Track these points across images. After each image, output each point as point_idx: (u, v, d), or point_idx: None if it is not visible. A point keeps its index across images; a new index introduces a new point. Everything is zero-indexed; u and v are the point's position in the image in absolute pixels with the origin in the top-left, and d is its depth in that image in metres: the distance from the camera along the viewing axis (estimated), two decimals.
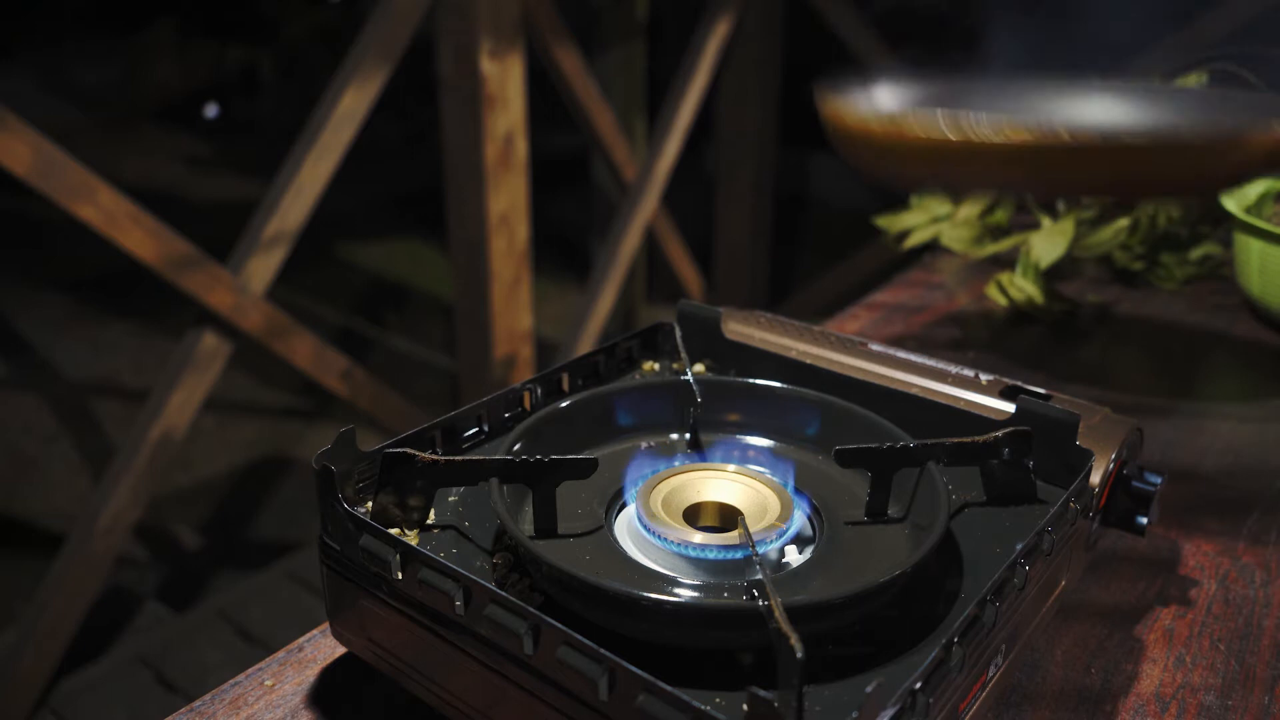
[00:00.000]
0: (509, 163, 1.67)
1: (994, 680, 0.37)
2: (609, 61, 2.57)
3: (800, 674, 0.29)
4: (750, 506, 0.42)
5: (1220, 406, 0.74)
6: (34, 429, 2.34)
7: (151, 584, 1.88)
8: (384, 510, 0.41)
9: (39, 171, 1.24)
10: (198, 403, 1.49)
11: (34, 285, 3.09)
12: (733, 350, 0.57)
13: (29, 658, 1.41)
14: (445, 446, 0.46)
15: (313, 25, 4.96)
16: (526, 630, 0.32)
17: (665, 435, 0.49)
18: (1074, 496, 0.41)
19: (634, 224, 2.21)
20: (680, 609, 0.34)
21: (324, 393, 1.80)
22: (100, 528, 1.42)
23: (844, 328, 0.86)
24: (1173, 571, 0.54)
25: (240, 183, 3.99)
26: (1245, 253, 0.85)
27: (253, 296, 1.51)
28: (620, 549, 0.40)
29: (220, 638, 1.68)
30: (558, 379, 0.52)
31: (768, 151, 2.74)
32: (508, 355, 1.79)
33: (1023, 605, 0.38)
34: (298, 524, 2.09)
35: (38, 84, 4.65)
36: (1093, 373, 0.80)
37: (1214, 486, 0.63)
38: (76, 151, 1.28)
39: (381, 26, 1.52)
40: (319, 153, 1.50)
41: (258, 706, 0.41)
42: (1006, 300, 0.92)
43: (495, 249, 1.69)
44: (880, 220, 1.09)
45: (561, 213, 3.24)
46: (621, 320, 2.75)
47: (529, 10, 1.71)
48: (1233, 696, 0.44)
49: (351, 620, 0.40)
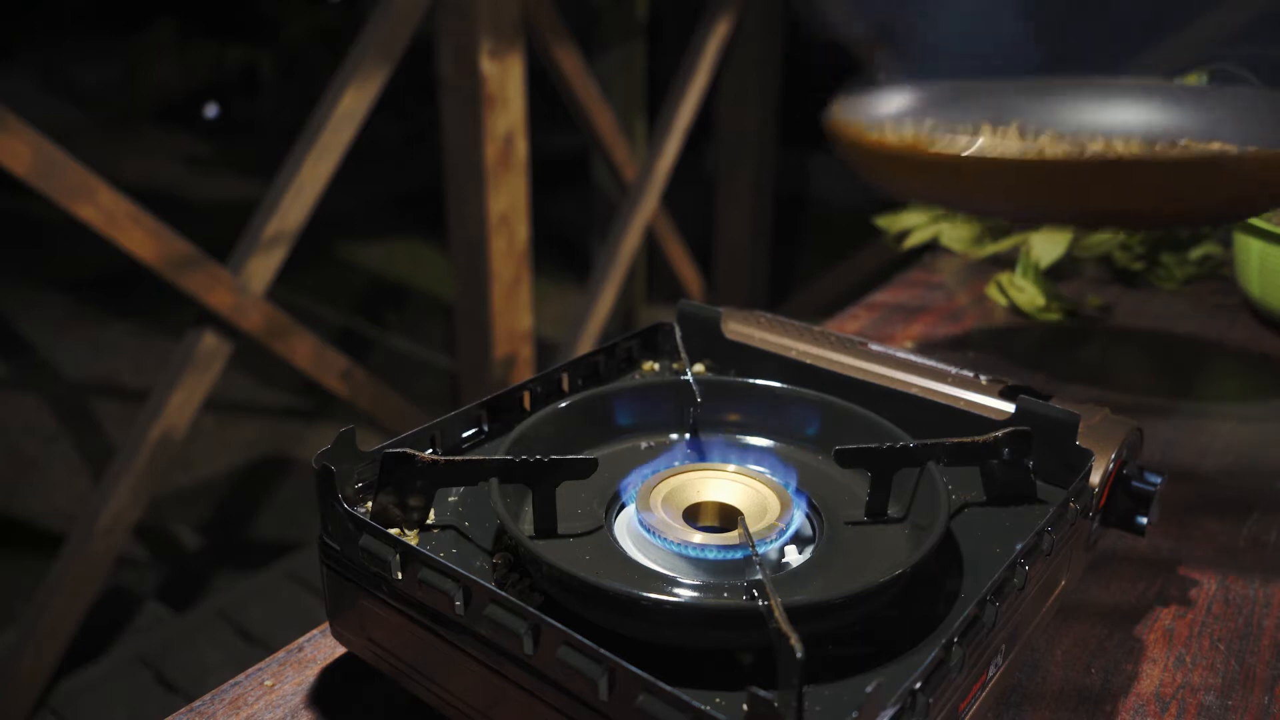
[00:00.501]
0: (509, 163, 1.67)
1: (994, 680, 0.37)
2: (609, 61, 2.57)
3: (800, 674, 0.29)
4: (750, 506, 0.42)
5: (1220, 406, 0.74)
6: (34, 429, 2.34)
7: (151, 584, 1.88)
8: (384, 510, 0.41)
9: (39, 171, 1.24)
10: (198, 403, 1.49)
11: (34, 285, 3.09)
12: (733, 350, 0.57)
13: (29, 658, 1.41)
14: (445, 446, 0.46)
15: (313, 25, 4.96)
16: (526, 630, 0.32)
17: (665, 435, 0.49)
18: (1074, 496, 0.41)
19: (634, 224, 2.21)
20: (680, 609, 0.34)
21: (324, 393, 1.80)
22: (100, 528, 1.42)
23: (844, 328, 0.86)
24: (1173, 571, 0.54)
25: (240, 183, 4.00)
26: (1245, 253, 0.85)
27: (253, 296, 1.51)
28: (620, 549, 0.40)
29: (220, 638, 1.68)
30: (558, 379, 0.52)
31: (768, 151, 2.74)
32: (508, 355, 1.79)
33: (1023, 605, 0.38)
34: (298, 524, 2.09)
35: (38, 84, 4.65)
36: (1093, 373, 0.80)
37: (1214, 486, 0.63)
38: (76, 151, 1.28)
39: (381, 26, 1.52)
40: (319, 153, 1.50)
41: (258, 706, 0.41)
42: (1006, 300, 0.92)
43: (495, 249, 1.69)
44: (880, 220, 1.09)
45: (561, 213, 3.24)
46: (621, 320, 2.75)
47: (529, 10, 1.71)
48: (1233, 696, 0.44)
49: (351, 620, 0.40)
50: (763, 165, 2.74)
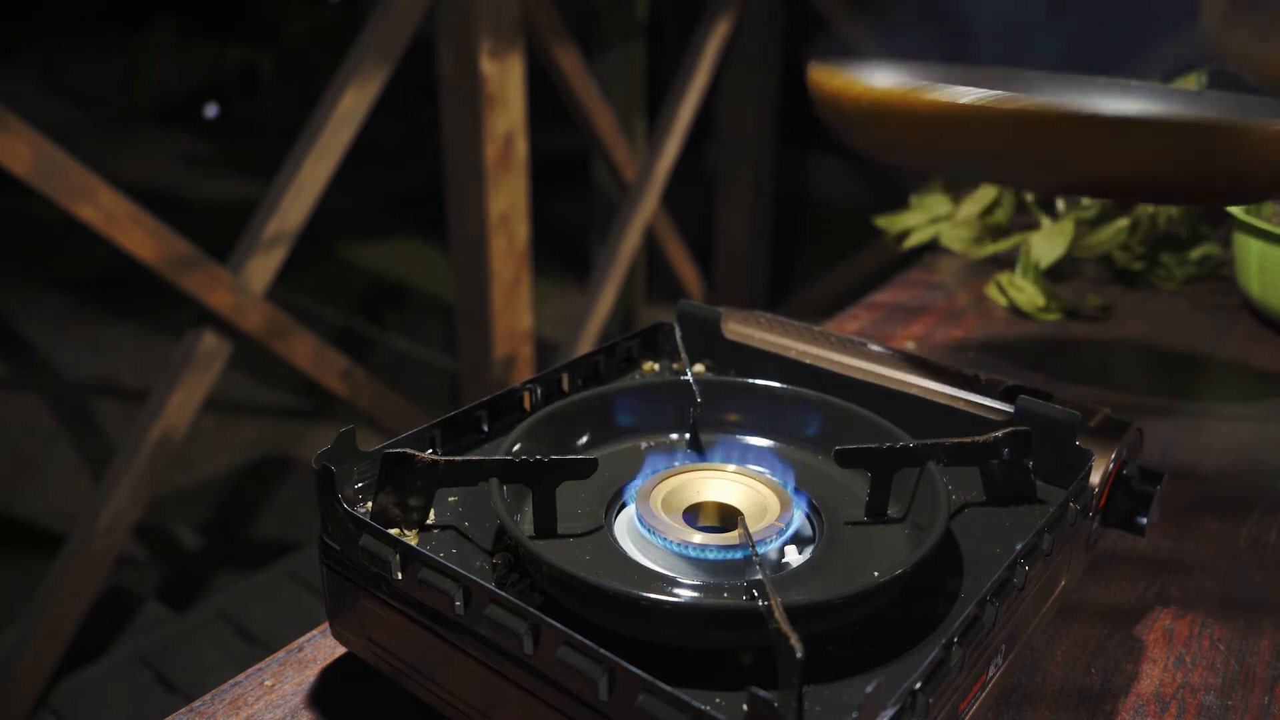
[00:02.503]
0: (509, 163, 1.67)
1: (994, 680, 0.37)
2: (609, 61, 2.57)
3: (800, 674, 0.29)
4: (750, 506, 0.42)
5: (1220, 406, 0.74)
6: (34, 429, 2.34)
7: (151, 584, 1.88)
8: (384, 510, 0.41)
9: (39, 171, 1.24)
10: (198, 403, 1.49)
11: (34, 285, 3.09)
12: (733, 350, 0.57)
13: (29, 658, 1.41)
14: (445, 446, 0.46)
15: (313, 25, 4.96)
16: (526, 630, 0.32)
17: (665, 435, 0.49)
18: (1074, 496, 0.41)
19: (634, 224, 2.21)
20: (680, 609, 0.34)
21: (324, 393, 1.80)
22: (100, 528, 1.42)
23: (844, 328, 0.86)
24: (1173, 571, 0.54)
25: (240, 183, 3.99)
26: (1245, 253, 0.85)
27: (253, 296, 1.51)
28: (620, 549, 0.40)
29: (220, 638, 1.68)
30: (558, 379, 0.52)
31: (768, 151, 2.74)
32: (508, 355, 1.79)
33: (1023, 605, 0.38)
34: (298, 524, 2.09)
35: (38, 84, 4.65)
36: (1093, 373, 0.80)
37: (1214, 486, 0.63)
38: (76, 151, 1.28)
39: (381, 26, 1.52)
40: (319, 153, 1.50)
41: (258, 706, 0.41)
42: (1006, 300, 0.92)
43: (495, 249, 1.69)
44: (880, 220, 1.08)
45: (561, 213, 3.24)
46: (621, 320, 2.75)
47: (529, 10, 1.71)
48: (1233, 696, 0.44)
49: (351, 620, 0.40)
50: (763, 165, 2.74)
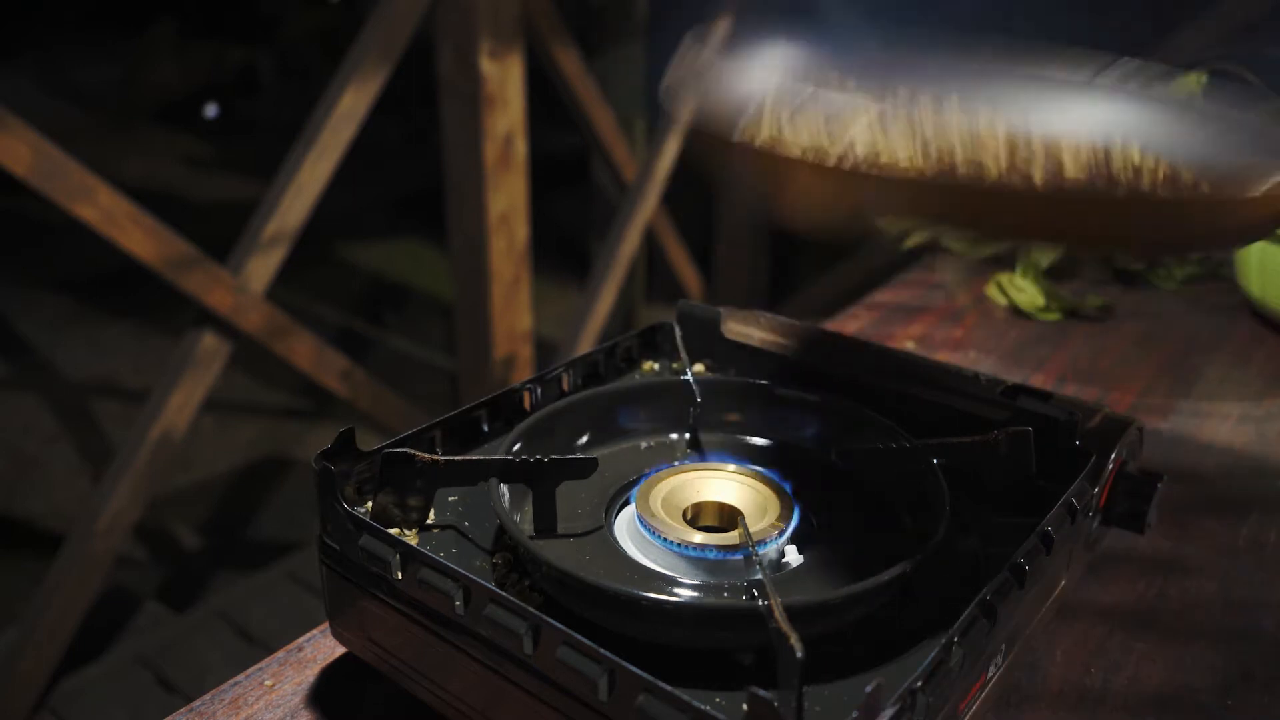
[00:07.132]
0: (509, 163, 1.67)
1: (994, 680, 0.37)
2: (609, 61, 2.57)
3: (800, 674, 0.29)
4: (750, 506, 0.42)
5: (1220, 406, 0.74)
6: (34, 429, 2.34)
7: (151, 584, 1.88)
8: (384, 510, 0.41)
9: (39, 171, 1.24)
10: (198, 403, 1.49)
11: (34, 285, 3.08)
12: (733, 350, 0.57)
13: (29, 658, 1.41)
14: (445, 446, 0.46)
15: (312, 25, 4.96)
16: (526, 630, 0.32)
17: (665, 435, 0.49)
18: (1074, 496, 0.41)
19: (634, 224, 2.21)
20: (680, 609, 0.34)
21: (324, 393, 1.79)
22: (100, 528, 1.42)
23: (844, 328, 0.86)
24: (1173, 571, 0.54)
25: (240, 183, 3.99)
26: (1245, 253, 0.85)
27: (253, 296, 1.50)
28: (620, 549, 0.40)
29: (220, 638, 1.68)
30: (558, 379, 0.52)
31: None
32: (508, 355, 1.79)
33: (1023, 605, 0.38)
34: (298, 524, 2.09)
35: (38, 84, 4.65)
36: (1093, 373, 0.80)
37: (1214, 486, 0.63)
38: (76, 151, 1.28)
39: (381, 26, 1.52)
40: (319, 153, 1.50)
41: (258, 706, 0.41)
42: (1006, 300, 0.92)
43: (495, 249, 1.69)
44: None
45: (561, 213, 3.24)
46: (621, 320, 2.75)
47: (529, 10, 1.71)
48: (1233, 696, 0.44)
49: (351, 620, 0.40)
50: None
